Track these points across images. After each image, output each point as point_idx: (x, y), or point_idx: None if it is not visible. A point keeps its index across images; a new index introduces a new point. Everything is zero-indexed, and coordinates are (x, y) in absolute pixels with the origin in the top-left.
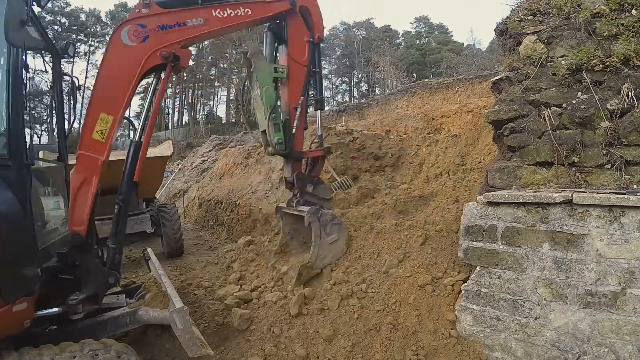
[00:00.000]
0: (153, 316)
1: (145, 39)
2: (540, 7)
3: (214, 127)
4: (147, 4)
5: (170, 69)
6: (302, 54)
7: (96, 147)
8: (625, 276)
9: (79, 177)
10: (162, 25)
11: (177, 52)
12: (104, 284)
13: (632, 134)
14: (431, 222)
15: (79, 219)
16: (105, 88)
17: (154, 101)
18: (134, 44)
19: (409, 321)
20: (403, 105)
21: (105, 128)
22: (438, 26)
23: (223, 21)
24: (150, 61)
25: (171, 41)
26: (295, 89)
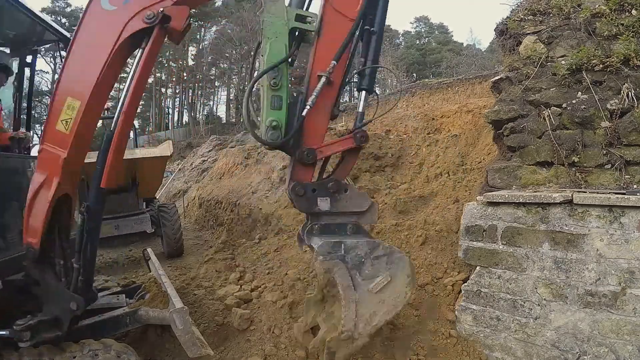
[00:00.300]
0: (153, 316)
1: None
2: (540, 7)
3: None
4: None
5: (158, 34)
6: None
7: (59, 140)
8: (625, 276)
9: (38, 177)
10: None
11: (167, 11)
12: (64, 309)
13: (632, 134)
14: (431, 222)
15: (34, 228)
16: (75, 67)
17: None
18: (114, 8)
19: (409, 321)
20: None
21: (71, 117)
22: (438, 26)
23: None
24: (131, 25)
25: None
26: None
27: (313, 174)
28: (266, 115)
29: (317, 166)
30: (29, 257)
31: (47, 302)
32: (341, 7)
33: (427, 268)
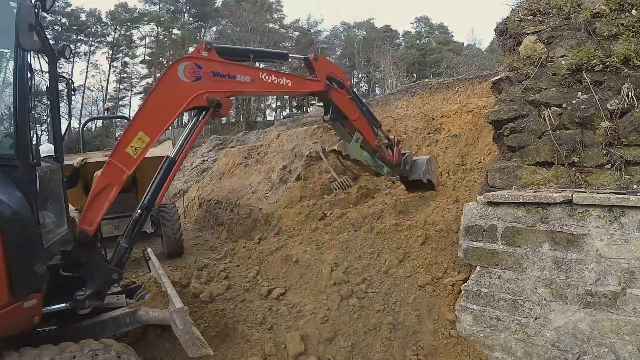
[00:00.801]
0: (153, 316)
1: (198, 79)
2: (540, 7)
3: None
4: (208, 48)
5: (210, 113)
6: (354, 111)
7: (126, 161)
8: (625, 276)
9: (103, 181)
10: (215, 72)
11: (221, 101)
12: (108, 280)
13: (632, 134)
14: (431, 222)
15: (92, 219)
16: (151, 111)
17: (190, 139)
18: (187, 81)
19: (409, 321)
20: (403, 105)
21: (140, 146)
22: (438, 26)
23: (266, 85)
24: (196, 100)
25: (219, 89)
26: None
27: None
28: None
29: None
30: (82, 240)
31: (92, 278)
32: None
33: (427, 268)
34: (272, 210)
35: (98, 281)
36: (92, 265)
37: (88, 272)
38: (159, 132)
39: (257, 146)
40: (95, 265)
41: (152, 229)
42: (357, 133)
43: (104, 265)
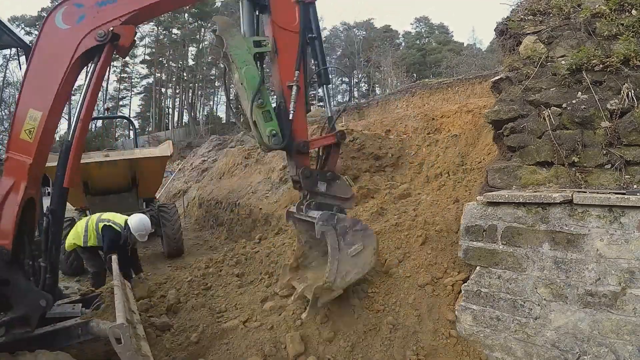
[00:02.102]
0: (102, 329)
1: (81, 18)
2: (540, 7)
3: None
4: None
5: (109, 51)
6: (290, 18)
7: (25, 148)
8: (625, 276)
9: (6, 183)
10: (102, 1)
11: (116, 30)
12: (35, 306)
13: (632, 134)
14: (431, 222)
15: (4, 231)
16: (35, 81)
17: (89, 91)
18: (68, 27)
19: (409, 321)
20: (403, 105)
21: (34, 126)
22: (438, 26)
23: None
24: (85, 43)
25: (110, 17)
26: (287, 63)
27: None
28: (264, 128)
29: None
30: (2, 259)
31: (17, 301)
32: (285, 24)
33: (427, 268)
34: (272, 210)
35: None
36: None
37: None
38: (50, 101)
39: (257, 146)
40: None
41: (152, 229)
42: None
43: (30, 288)
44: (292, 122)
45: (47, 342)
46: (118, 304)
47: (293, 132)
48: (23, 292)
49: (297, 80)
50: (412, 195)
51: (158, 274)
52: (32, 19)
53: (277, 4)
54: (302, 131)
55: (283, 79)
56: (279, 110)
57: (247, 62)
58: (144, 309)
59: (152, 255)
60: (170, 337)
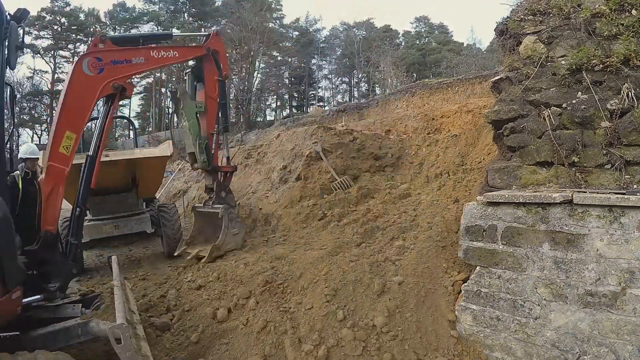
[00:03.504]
0: (102, 329)
1: (101, 71)
2: (540, 7)
3: None
4: (102, 40)
5: (118, 98)
6: (214, 91)
7: (63, 160)
8: (625, 276)
9: (49, 184)
10: (114, 60)
11: (125, 85)
12: (69, 274)
13: (632, 134)
14: (431, 222)
15: (52, 219)
16: (70, 111)
17: (106, 124)
18: (92, 74)
19: (409, 321)
20: (403, 105)
21: (70, 144)
22: (438, 26)
23: (158, 61)
24: (104, 90)
25: (121, 74)
26: (211, 120)
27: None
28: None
29: None
30: (50, 241)
31: (57, 273)
32: (210, 94)
33: (427, 268)
34: (272, 210)
35: (61, 275)
36: (57, 261)
37: (53, 267)
38: (81, 126)
39: (257, 146)
40: (59, 261)
41: (152, 229)
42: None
43: (65, 260)
44: (213, 154)
45: (47, 342)
46: (118, 304)
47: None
48: (61, 266)
49: (216, 130)
50: (412, 195)
51: (158, 274)
52: (32, 19)
53: (207, 80)
54: (216, 159)
55: (208, 129)
56: (206, 147)
57: (193, 117)
58: (144, 309)
59: (152, 255)
60: (170, 337)
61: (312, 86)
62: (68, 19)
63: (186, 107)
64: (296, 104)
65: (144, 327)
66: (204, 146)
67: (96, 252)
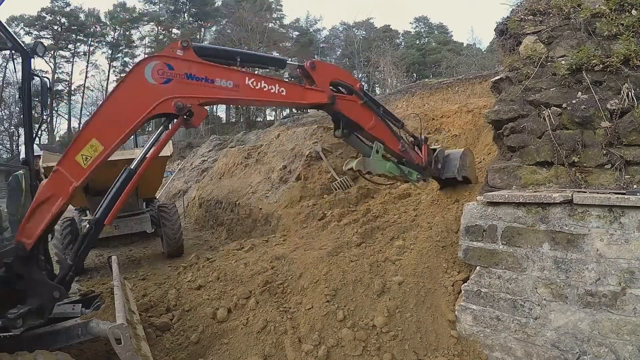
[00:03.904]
0: (102, 329)
1: (167, 81)
2: (540, 7)
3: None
4: (185, 46)
5: (180, 122)
6: (370, 118)
7: (75, 171)
8: (625, 276)
9: (47, 191)
10: (190, 75)
11: (193, 108)
12: (49, 297)
13: (632, 134)
14: (431, 222)
15: (31, 232)
16: (108, 116)
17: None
18: (155, 83)
19: (408, 321)
20: (403, 105)
21: (92, 155)
22: (438, 26)
23: (253, 93)
24: (162, 106)
25: (192, 94)
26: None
27: None
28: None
29: None
30: (19, 254)
31: (32, 293)
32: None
33: (427, 268)
34: (272, 210)
35: (39, 298)
36: (32, 281)
37: (28, 287)
38: (114, 141)
39: (257, 146)
40: (35, 280)
41: (152, 229)
42: (376, 143)
43: (45, 281)
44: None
45: (47, 343)
46: (118, 304)
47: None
48: (38, 285)
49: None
50: (412, 195)
51: (158, 274)
52: (32, 19)
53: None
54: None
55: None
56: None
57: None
58: (144, 309)
59: (152, 255)
60: (170, 337)
61: None
62: (68, 19)
63: (375, 167)
64: None
65: (144, 327)
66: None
67: (96, 252)
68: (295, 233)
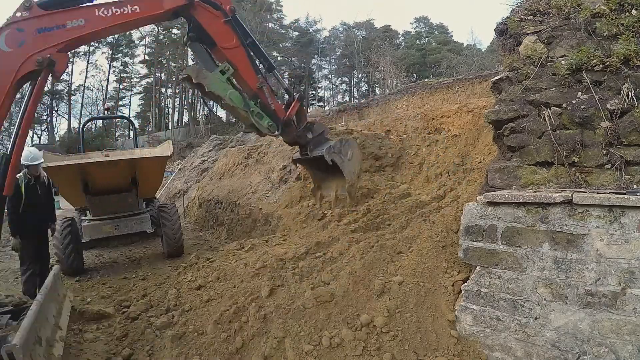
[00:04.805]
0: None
1: (22, 43)
2: (540, 7)
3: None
4: (27, 6)
5: (46, 75)
6: (230, 38)
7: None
8: (625, 276)
9: None
10: (41, 28)
11: (53, 56)
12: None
13: (632, 134)
14: (431, 222)
15: None
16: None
17: (27, 110)
18: (10, 50)
19: (408, 321)
20: (403, 105)
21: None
22: (438, 26)
23: (107, 20)
24: (25, 67)
25: (48, 45)
26: (248, 73)
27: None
28: (262, 123)
29: None
30: None
31: None
32: (227, 45)
33: (427, 268)
34: (272, 210)
35: None
36: None
37: None
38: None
39: (257, 146)
40: None
41: (152, 229)
42: (225, 63)
43: None
44: (274, 109)
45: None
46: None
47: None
48: None
49: (261, 82)
50: (412, 195)
51: (158, 274)
52: None
53: (217, 33)
54: (281, 111)
55: (252, 86)
56: (262, 107)
57: (226, 88)
58: (144, 309)
59: (152, 255)
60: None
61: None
62: None
63: (212, 83)
64: None
65: (144, 326)
66: (260, 108)
67: (96, 252)
68: (296, 233)
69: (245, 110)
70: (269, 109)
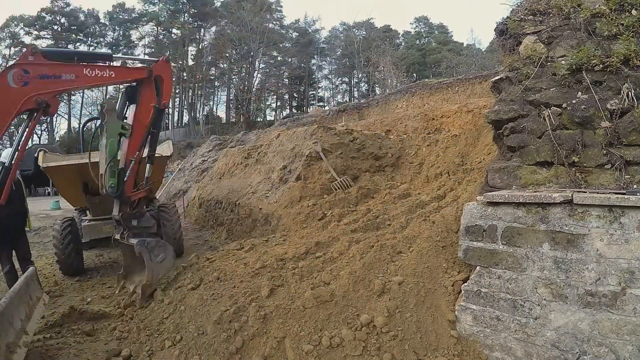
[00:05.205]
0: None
1: (26, 84)
2: (540, 7)
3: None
4: (34, 52)
5: (40, 114)
6: (147, 116)
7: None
8: (625, 276)
9: None
10: (42, 75)
11: (49, 100)
12: None
13: (632, 134)
14: (431, 222)
15: None
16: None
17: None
18: (17, 87)
19: (408, 321)
20: (403, 105)
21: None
22: (438, 26)
23: (91, 80)
24: (25, 105)
25: (46, 90)
26: (134, 145)
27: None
28: (107, 180)
29: None
30: None
31: None
32: (141, 119)
33: (426, 268)
34: (272, 210)
35: None
36: None
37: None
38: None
39: (257, 146)
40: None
41: None
42: (130, 124)
43: None
44: (126, 182)
45: None
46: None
47: (125, 188)
48: None
49: (135, 157)
50: (412, 195)
51: None
52: (32, 19)
53: (142, 105)
54: (129, 189)
55: (128, 154)
56: (119, 172)
57: (114, 137)
58: None
59: None
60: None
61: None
62: (68, 19)
63: (109, 124)
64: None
65: (144, 326)
66: (117, 171)
67: (96, 252)
68: (295, 233)
69: (106, 161)
70: (121, 177)
